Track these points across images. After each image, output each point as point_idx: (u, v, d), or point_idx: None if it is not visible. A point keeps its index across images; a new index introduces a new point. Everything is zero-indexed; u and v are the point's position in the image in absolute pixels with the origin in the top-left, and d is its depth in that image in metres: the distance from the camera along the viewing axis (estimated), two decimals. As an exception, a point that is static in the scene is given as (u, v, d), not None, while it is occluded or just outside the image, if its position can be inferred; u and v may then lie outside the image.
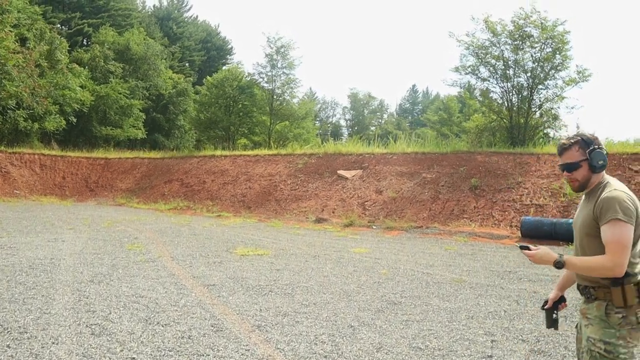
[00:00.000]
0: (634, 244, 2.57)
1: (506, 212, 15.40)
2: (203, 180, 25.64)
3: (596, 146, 2.73)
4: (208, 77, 35.84)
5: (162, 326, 5.27)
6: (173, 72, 46.61)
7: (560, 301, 3.06)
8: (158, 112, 42.40)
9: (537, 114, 21.09)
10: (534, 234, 13.14)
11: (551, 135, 21.76)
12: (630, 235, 2.52)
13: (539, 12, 20.00)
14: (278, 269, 8.68)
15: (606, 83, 76.71)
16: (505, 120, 21.10)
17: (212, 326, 5.32)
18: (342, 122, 76.93)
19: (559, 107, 21.96)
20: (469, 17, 30.89)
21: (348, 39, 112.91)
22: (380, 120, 75.40)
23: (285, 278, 7.95)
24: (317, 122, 65.55)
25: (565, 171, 2.84)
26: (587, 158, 2.74)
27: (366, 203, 18.31)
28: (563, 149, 2.84)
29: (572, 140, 2.81)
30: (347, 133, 72.63)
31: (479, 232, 14.38)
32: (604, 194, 2.64)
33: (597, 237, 2.63)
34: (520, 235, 13.55)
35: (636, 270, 2.59)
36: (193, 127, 38.96)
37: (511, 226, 14.72)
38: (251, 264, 9.17)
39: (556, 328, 3.03)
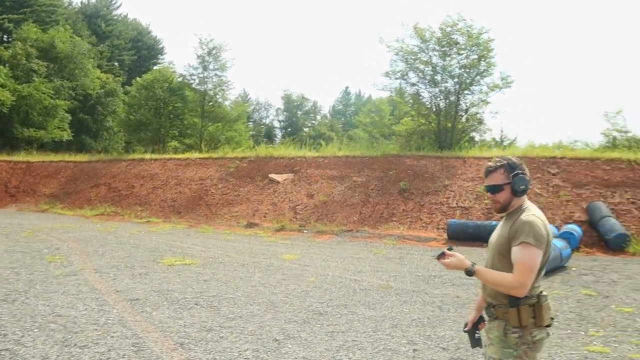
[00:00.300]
0: (539, 270, 2.71)
1: (433, 215, 15.81)
2: (132, 184, 24.89)
3: (520, 171, 2.86)
4: (137, 78, 34.87)
5: (80, 348, 5.08)
6: (101, 72, 45.01)
7: (479, 321, 3.18)
8: (85, 113, 40.85)
9: (464, 118, 21.80)
10: (459, 236, 13.58)
11: (476, 139, 22.56)
12: (538, 260, 2.66)
13: (465, 20, 20.70)
14: (205, 280, 8.55)
15: (528, 89, 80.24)
16: (433, 124, 21.67)
17: (132, 345, 5.17)
18: (276, 124, 76.71)
19: (483, 112, 22.81)
20: (399, 22, 31.53)
21: (282, 40, 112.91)
22: (313, 122, 75.67)
23: (212, 289, 7.84)
24: (251, 123, 65.03)
25: (489, 192, 2.98)
26: (510, 182, 2.86)
27: (297, 207, 18.34)
28: (489, 171, 2.97)
29: (499, 164, 2.94)
30: (280, 134, 72.45)
31: (407, 235, 14.69)
32: (521, 218, 2.78)
33: (508, 257, 2.77)
34: (447, 237, 13.96)
35: (534, 293, 2.73)
36: (122, 129, 37.79)
37: (438, 228, 15.12)
38: (178, 274, 8.99)
39: (480, 346, 3.14)
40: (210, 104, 32.32)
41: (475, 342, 3.15)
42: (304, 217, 17.60)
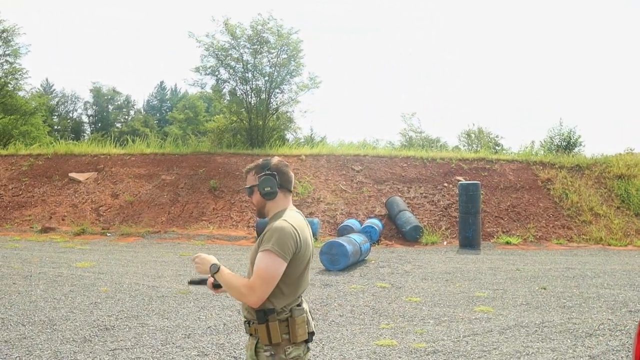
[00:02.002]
0: (286, 281, 2.51)
1: (244, 213, 15.70)
2: None
3: (268, 172, 2.64)
4: None
5: None
6: None
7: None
8: None
9: (275, 116, 22.01)
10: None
11: (288, 137, 22.97)
12: (279, 270, 2.44)
13: (275, 19, 20.86)
14: (-28, 298, 7.40)
15: (336, 90, 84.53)
16: (244, 122, 21.57)
17: None
18: (85, 118, 71.25)
19: (293, 111, 23.32)
20: (209, 17, 30.94)
21: (90, 28, 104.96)
22: (126, 117, 71.70)
23: (-21, 309, 6.78)
24: (55, 117, 59.67)
25: (247, 194, 2.76)
26: (257, 184, 2.65)
27: (101, 208, 17.02)
28: (246, 172, 2.76)
29: (252, 165, 2.74)
30: (89, 130, 67.45)
31: (217, 234, 14.38)
32: (271, 224, 2.57)
33: None
34: (256, 235, 13.92)
35: (287, 307, 2.53)
36: None
37: (248, 227, 15.03)
38: (-62, 293, 7.67)
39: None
40: (1, 94, 28.75)
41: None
42: (107, 219, 16.38)
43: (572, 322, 6.28)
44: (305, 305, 2.65)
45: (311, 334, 2.63)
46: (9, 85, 29.62)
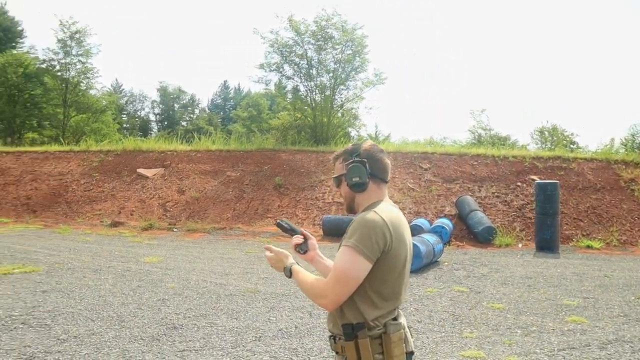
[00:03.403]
0: (376, 288, 2.10)
1: (309, 211, 15.42)
2: (-22, 180, 22.23)
3: (357, 159, 2.22)
4: (-14, 62, 31.35)
5: None
6: (-55, 54, 40.10)
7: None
8: None
9: (339, 113, 21.70)
10: (335, 231, 13.24)
11: (352, 134, 22.59)
12: (359, 270, 2.03)
13: (339, 14, 20.59)
14: (44, 291, 7.38)
15: (401, 86, 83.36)
16: (309, 119, 21.35)
17: None
18: (152, 117, 73.27)
19: (358, 107, 22.96)
20: (273, 14, 31.00)
21: (157, 30, 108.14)
22: (191, 116, 73.26)
23: (50, 302, 6.73)
24: (124, 116, 61.59)
25: (335, 186, 2.37)
26: (344, 173, 2.25)
27: (167, 204, 17.16)
28: (333, 160, 2.37)
29: (340, 151, 2.34)
30: (156, 128, 69.30)
31: (282, 232, 14.14)
32: (358, 215, 2.16)
33: None
34: (322, 233, 13.60)
35: (376, 319, 2.10)
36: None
37: (314, 224, 14.74)
38: (12, 285, 7.71)
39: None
40: (74, 93, 29.76)
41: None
42: (174, 215, 16.49)
43: (681, 337, 5.60)
44: (402, 320, 2.21)
45: (410, 354, 2.18)
46: (82, 84, 30.61)
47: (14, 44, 55.60)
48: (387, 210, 2.16)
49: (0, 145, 27.92)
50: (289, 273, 2.27)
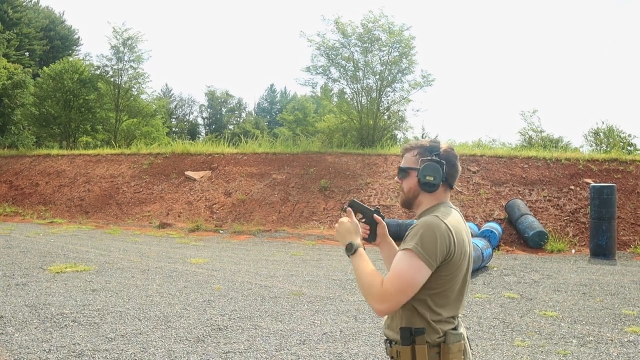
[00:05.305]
0: (435, 295, 2.01)
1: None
2: (36, 182, 23.00)
3: (435, 157, 2.12)
4: (45, 68, 32.51)
5: None
6: (8, 62, 41.72)
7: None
8: (-11, 105, 37.70)
9: (386, 115, 21.51)
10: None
11: (398, 137, 22.35)
12: (418, 277, 1.94)
13: (386, 16, 20.39)
14: (94, 289, 7.53)
15: (448, 88, 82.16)
16: (355, 121, 21.23)
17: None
18: (200, 121, 74.56)
19: (405, 110, 22.68)
20: (320, 17, 31.02)
21: (204, 35, 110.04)
22: (238, 119, 74.15)
23: (100, 301, 6.85)
24: (174, 120, 62.88)
25: (398, 177, 2.27)
26: (417, 167, 2.15)
27: (214, 206, 17.36)
28: (404, 150, 2.27)
29: (418, 144, 2.23)
30: (204, 132, 70.45)
31: (327, 234, 14.09)
32: (422, 218, 2.07)
33: None
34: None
35: (441, 328, 2.01)
36: (28, 122, 35.16)
37: (359, 228, 14.60)
38: (64, 284, 7.90)
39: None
40: (125, 98, 30.54)
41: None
42: (220, 217, 16.66)
43: None
44: (462, 330, 2.10)
45: None
46: (133, 89, 31.38)
47: (70, 51, 57.68)
48: (450, 214, 2.09)
49: (57, 148, 28.92)
50: (353, 252, 2.14)
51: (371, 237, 2.35)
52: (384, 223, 2.40)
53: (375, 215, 2.34)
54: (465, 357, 2.04)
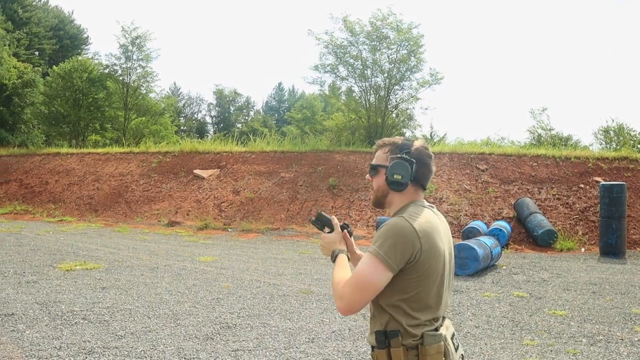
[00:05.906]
0: (407, 298, 1.96)
1: (363, 212, 15.30)
2: (46, 180, 23.16)
3: (406, 156, 2.06)
4: (54, 67, 32.69)
5: None
6: (18, 61, 41.97)
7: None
8: (0, 104, 37.95)
9: (394, 114, 21.49)
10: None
11: (407, 135, 22.28)
12: (377, 280, 1.90)
13: (395, 14, 20.36)
14: (103, 287, 7.57)
15: (457, 86, 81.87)
16: (363, 120, 21.22)
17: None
18: (208, 119, 74.71)
19: (413, 108, 22.68)
20: (328, 15, 31.00)
21: (212, 33, 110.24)
22: (246, 118, 74.23)
23: (109, 299, 6.89)
24: (182, 118, 63.05)
25: (369, 173, 2.22)
26: (387, 165, 2.10)
27: (222, 204, 17.41)
28: (377, 147, 2.22)
29: (391, 141, 2.18)
30: (212, 130, 70.58)
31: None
32: (388, 220, 2.03)
33: None
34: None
35: (417, 331, 1.96)
36: (38, 121, 35.38)
37: (368, 226, 14.62)
38: (74, 281, 7.95)
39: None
40: (134, 96, 30.68)
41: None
42: (229, 215, 16.70)
43: None
44: (444, 331, 2.02)
45: None
46: (142, 88, 31.49)
47: (79, 50, 57.92)
48: (421, 215, 2.01)
49: (66, 147, 29.07)
50: (333, 259, 2.15)
51: (347, 227, 2.34)
52: (352, 240, 2.34)
53: (344, 230, 2.31)
54: (446, 359, 1.98)
